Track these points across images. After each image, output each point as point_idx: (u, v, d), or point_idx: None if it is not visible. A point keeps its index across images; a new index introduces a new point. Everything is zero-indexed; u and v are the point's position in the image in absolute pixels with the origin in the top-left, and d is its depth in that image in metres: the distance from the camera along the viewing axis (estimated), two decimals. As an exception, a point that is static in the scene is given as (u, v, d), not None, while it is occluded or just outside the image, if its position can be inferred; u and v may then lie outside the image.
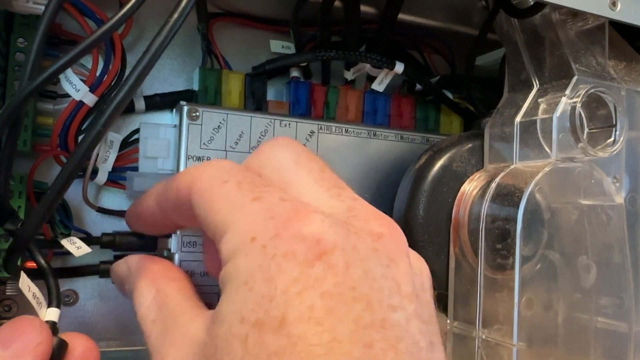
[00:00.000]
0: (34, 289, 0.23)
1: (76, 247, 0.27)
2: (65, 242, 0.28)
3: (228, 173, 0.20)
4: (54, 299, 0.22)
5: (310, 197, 0.19)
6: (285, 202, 0.18)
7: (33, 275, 0.23)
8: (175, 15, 0.19)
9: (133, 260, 0.25)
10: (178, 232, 0.31)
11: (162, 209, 0.24)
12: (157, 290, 0.22)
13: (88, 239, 0.31)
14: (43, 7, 0.30)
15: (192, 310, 0.21)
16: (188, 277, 0.24)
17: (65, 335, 0.21)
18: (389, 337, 0.16)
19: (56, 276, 0.23)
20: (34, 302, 0.22)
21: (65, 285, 0.33)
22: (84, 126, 0.33)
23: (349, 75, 0.39)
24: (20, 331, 0.20)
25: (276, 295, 0.16)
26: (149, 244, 0.31)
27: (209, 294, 0.27)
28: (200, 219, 0.20)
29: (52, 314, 0.22)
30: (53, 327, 0.21)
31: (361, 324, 0.15)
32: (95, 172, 0.33)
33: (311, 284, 0.16)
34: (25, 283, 0.22)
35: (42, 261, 0.23)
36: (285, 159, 0.21)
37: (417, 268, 0.20)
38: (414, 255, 0.20)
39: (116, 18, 0.19)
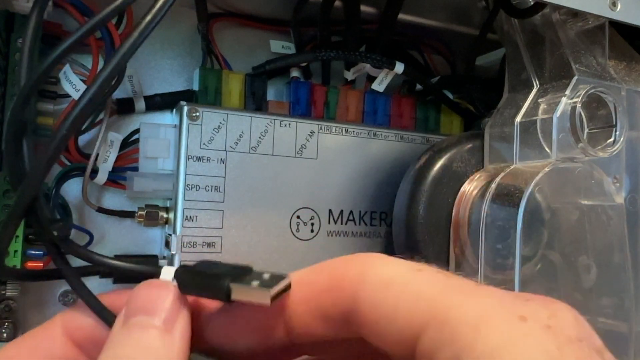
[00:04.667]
0: None
1: None
2: None
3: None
4: None
5: None
6: None
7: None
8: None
9: None
10: (178, 233, 0.31)
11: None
12: None
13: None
14: (43, 7, 0.30)
15: None
16: None
17: None
18: None
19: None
20: None
21: (65, 285, 0.33)
22: (84, 126, 0.33)
23: (349, 75, 0.39)
24: (156, 296, 0.17)
25: None
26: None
27: None
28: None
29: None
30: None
31: None
32: (95, 171, 0.33)
33: None
34: None
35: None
36: None
37: None
38: None
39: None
